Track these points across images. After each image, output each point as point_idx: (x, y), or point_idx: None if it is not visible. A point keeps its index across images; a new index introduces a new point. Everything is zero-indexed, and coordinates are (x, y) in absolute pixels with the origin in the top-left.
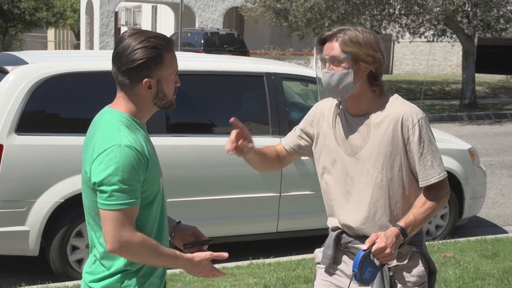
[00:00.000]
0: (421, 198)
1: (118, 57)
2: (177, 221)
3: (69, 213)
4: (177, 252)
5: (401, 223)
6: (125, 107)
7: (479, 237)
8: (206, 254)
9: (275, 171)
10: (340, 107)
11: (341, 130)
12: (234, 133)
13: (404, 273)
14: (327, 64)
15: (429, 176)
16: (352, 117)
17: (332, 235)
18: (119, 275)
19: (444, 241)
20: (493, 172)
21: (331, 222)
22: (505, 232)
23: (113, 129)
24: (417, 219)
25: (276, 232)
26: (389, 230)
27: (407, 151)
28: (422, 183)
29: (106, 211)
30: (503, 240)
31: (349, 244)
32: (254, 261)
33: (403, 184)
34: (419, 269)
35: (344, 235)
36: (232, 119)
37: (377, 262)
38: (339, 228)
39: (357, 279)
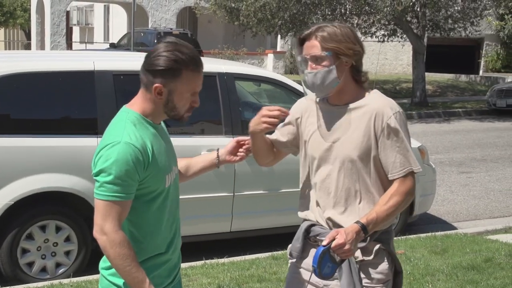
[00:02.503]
0: (386, 195)
1: (146, 55)
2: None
3: (19, 215)
4: (148, 280)
5: (363, 220)
6: (138, 106)
7: (429, 234)
8: None
9: (270, 164)
10: (322, 100)
11: (323, 120)
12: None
13: (370, 269)
14: (309, 64)
15: (404, 166)
16: (331, 106)
17: (301, 227)
18: None
19: (395, 238)
20: (443, 170)
21: (303, 213)
22: (455, 228)
23: (119, 127)
24: (379, 216)
25: (230, 232)
26: (350, 226)
27: (380, 143)
28: (399, 174)
29: (96, 200)
30: (452, 236)
31: (318, 237)
32: (207, 261)
33: (375, 175)
34: (384, 266)
35: (313, 228)
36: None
37: (337, 258)
38: (310, 220)
39: (316, 274)
